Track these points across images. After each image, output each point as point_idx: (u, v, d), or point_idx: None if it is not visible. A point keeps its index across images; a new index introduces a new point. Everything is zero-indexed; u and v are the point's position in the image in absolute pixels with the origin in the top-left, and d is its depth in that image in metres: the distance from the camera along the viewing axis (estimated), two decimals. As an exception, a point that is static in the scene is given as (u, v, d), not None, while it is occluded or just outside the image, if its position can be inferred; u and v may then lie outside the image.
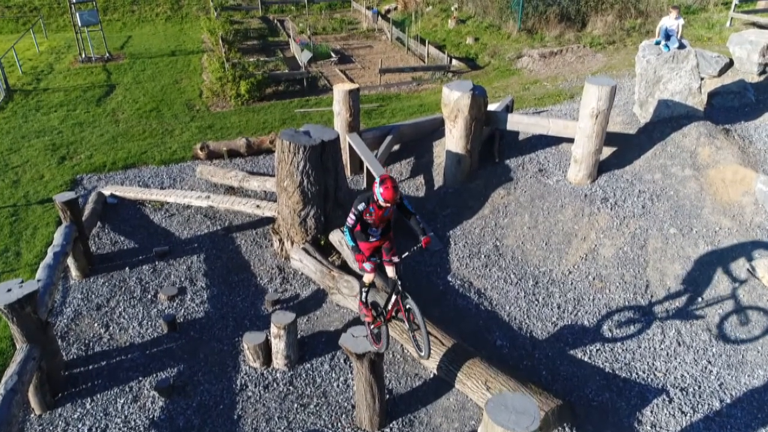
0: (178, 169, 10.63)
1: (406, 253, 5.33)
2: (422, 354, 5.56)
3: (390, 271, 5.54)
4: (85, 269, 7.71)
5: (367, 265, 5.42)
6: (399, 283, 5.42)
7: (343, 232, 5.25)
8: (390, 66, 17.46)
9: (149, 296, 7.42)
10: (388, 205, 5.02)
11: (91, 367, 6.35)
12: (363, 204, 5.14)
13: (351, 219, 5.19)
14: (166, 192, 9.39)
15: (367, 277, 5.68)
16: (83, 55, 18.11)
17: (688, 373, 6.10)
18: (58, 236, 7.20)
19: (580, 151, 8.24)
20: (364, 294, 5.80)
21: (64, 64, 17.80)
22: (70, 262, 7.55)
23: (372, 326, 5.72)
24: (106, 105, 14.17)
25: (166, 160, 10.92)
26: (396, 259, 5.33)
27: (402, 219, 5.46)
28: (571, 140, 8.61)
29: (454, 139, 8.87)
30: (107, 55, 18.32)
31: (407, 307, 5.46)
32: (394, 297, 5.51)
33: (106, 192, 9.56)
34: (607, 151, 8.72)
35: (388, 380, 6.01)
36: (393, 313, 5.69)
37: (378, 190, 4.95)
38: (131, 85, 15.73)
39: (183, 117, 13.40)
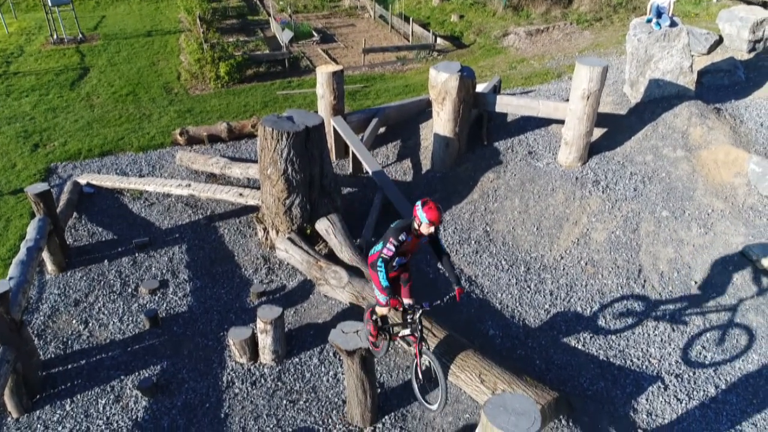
0: (157, 155, 10.27)
1: (438, 302, 5.09)
2: (434, 408, 5.23)
3: (408, 301, 5.32)
4: (62, 263, 7.41)
5: (383, 299, 5.01)
6: (420, 328, 5.14)
7: (376, 268, 4.81)
8: (374, 45, 17.07)
9: (129, 290, 7.15)
10: (431, 229, 4.71)
11: (70, 366, 6.10)
12: (404, 234, 4.79)
13: (389, 251, 4.76)
14: (145, 180, 9.06)
15: (382, 311, 5.28)
16: (55, 37, 17.44)
17: (682, 359, 6.03)
18: (31, 230, 6.88)
19: (571, 133, 8.06)
20: (376, 318, 5.50)
21: (35, 46, 17.14)
22: (45, 256, 7.24)
23: (372, 339, 5.49)
24: (80, 89, 13.66)
25: (144, 146, 10.54)
26: (426, 307, 5.07)
27: (433, 254, 5.17)
28: (561, 122, 8.43)
29: (441, 122, 8.64)
30: (80, 36, 17.66)
31: (423, 356, 5.19)
32: (408, 331, 5.27)
33: (82, 181, 9.20)
34: (598, 133, 8.56)
35: (379, 374, 5.86)
36: (400, 337, 5.54)
37: (421, 213, 4.66)
38: (106, 67, 15.19)
39: (161, 101, 12.97)
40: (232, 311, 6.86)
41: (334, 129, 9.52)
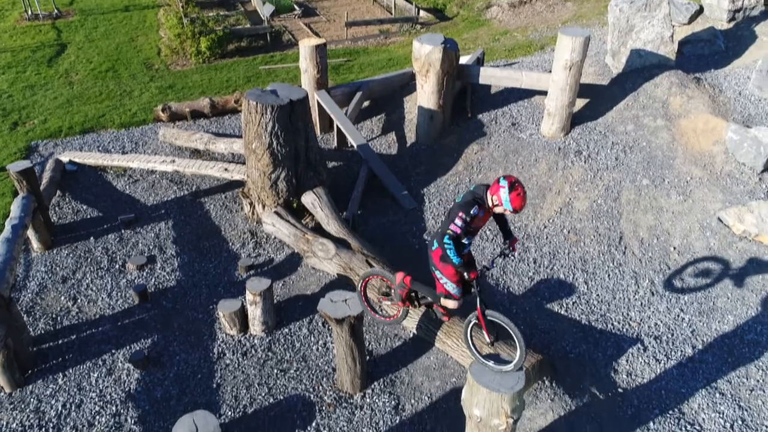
0: (140, 132, 10.19)
1: (498, 257, 4.88)
2: (513, 365, 4.38)
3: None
4: (47, 241, 7.39)
5: (457, 291, 4.78)
6: (480, 289, 4.74)
7: (444, 247, 4.38)
8: (356, 18, 16.91)
9: (117, 266, 7.18)
10: (511, 213, 4.34)
11: (60, 341, 6.14)
12: (476, 208, 4.35)
13: (457, 227, 4.33)
14: (128, 157, 9.00)
15: (451, 304, 4.92)
16: (29, 13, 17.02)
17: (661, 322, 6.23)
18: (15, 208, 6.85)
19: (554, 104, 8.13)
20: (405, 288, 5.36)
21: (9, 22, 16.72)
22: (30, 234, 7.22)
23: (401, 305, 5.44)
24: (58, 66, 13.41)
25: (126, 123, 10.44)
26: (492, 267, 4.71)
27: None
28: (544, 93, 8.50)
29: (425, 95, 8.67)
30: (56, 11, 17.26)
31: (487, 317, 4.73)
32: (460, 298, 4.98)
33: (64, 158, 9.12)
34: (580, 103, 8.65)
35: (367, 342, 5.98)
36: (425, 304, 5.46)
37: (506, 198, 4.22)
38: (84, 43, 14.90)
39: (141, 77, 12.80)
40: (221, 285, 6.92)
41: (318, 103, 9.50)
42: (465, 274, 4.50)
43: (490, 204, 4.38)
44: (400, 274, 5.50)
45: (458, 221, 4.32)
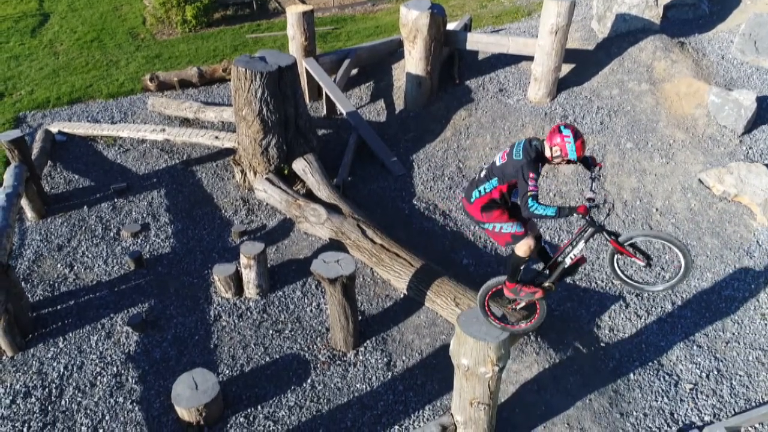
0: (128, 102, 10.16)
1: (592, 182, 4.38)
2: (675, 281, 4.37)
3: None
4: (41, 210, 7.46)
5: (518, 226, 4.36)
6: (600, 224, 4.26)
7: (530, 208, 4.03)
8: (343, -14, 16.71)
9: (111, 234, 7.28)
10: (574, 162, 4.14)
11: (59, 307, 6.28)
12: (540, 164, 4.13)
13: (536, 187, 4.06)
14: (118, 126, 9.01)
15: (527, 242, 4.39)
16: (9, -18, 16.65)
17: (642, 280, 6.45)
18: (8, 177, 6.90)
19: (540, 69, 8.22)
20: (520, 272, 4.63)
21: (-11, -9, 16.37)
22: (24, 203, 7.28)
23: (534, 296, 4.64)
24: (42, 36, 13.23)
25: (113, 93, 10.40)
26: (592, 195, 4.20)
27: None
28: (530, 58, 8.57)
29: (413, 61, 8.71)
30: (36, -20, 16.89)
31: (626, 244, 4.34)
32: (581, 246, 4.42)
33: (54, 129, 9.11)
34: (566, 68, 8.74)
35: (360, 302, 6.16)
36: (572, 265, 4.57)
37: (571, 146, 3.99)
38: (67, 13, 14.67)
39: (127, 47, 12.68)
40: (215, 251, 7.05)
41: (307, 71, 9.51)
42: (573, 212, 4.13)
43: (549, 156, 4.15)
44: (507, 289, 4.79)
45: (531, 182, 4.07)
